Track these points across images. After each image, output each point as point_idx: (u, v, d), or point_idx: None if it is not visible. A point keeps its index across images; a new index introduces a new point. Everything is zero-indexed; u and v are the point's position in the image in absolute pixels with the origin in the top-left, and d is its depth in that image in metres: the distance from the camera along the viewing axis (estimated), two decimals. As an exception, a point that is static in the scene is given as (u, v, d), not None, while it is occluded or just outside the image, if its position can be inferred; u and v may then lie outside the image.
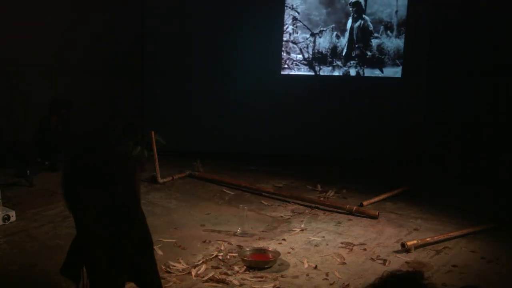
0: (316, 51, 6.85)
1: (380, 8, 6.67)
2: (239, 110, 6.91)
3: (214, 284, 3.54)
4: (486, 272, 3.82)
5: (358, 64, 6.79)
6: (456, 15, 6.49)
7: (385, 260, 3.96)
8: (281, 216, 4.95)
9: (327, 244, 4.27)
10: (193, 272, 3.68)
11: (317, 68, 6.88)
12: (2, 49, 6.42)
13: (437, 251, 4.13)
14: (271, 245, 4.19)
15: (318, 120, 6.90)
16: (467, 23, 6.40)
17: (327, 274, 3.72)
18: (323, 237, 4.42)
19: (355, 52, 6.85)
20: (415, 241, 4.17)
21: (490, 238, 4.42)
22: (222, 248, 4.14)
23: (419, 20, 6.65)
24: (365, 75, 6.86)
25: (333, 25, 6.80)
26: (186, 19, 6.89)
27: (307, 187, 5.87)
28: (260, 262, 3.84)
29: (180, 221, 4.73)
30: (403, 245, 4.14)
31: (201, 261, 3.87)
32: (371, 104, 6.80)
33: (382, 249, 4.19)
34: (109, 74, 7.03)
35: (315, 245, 4.24)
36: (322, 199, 5.42)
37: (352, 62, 6.77)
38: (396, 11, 6.66)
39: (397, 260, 3.97)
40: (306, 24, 6.79)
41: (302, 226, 4.67)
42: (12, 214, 4.57)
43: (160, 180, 5.86)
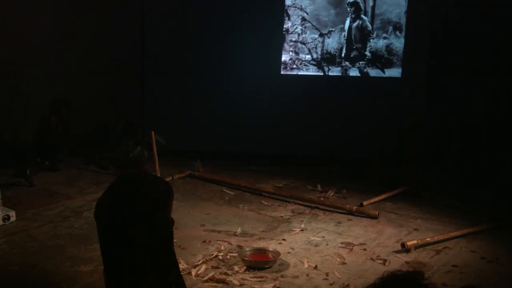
0: (325, 52, 6.86)
1: (389, 9, 6.66)
2: (239, 110, 6.91)
3: (214, 284, 3.54)
4: (486, 272, 3.82)
5: (367, 64, 6.79)
6: (456, 15, 6.49)
7: (385, 260, 3.96)
8: (281, 216, 4.95)
9: (327, 244, 4.27)
10: (193, 272, 3.68)
11: (326, 68, 6.88)
12: (2, 49, 6.42)
13: (437, 251, 4.13)
14: (271, 245, 4.19)
15: (318, 120, 6.90)
16: (467, 23, 6.40)
17: (327, 274, 3.72)
18: (323, 237, 4.42)
19: (353, 53, 6.85)
20: (415, 241, 4.17)
21: (490, 238, 4.42)
22: (222, 248, 4.14)
23: (419, 20, 6.64)
24: (371, 76, 6.87)
25: (342, 25, 6.80)
26: (186, 19, 6.90)
27: (307, 187, 5.87)
28: (260, 262, 3.84)
29: (180, 221, 4.72)
30: (403, 245, 4.14)
31: (201, 261, 3.87)
32: (371, 104, 6.80)
33: (382, 249, 4.19)
34: (109, 74, 7.04)
35: (315, 245, 4.24)
36: (322, 199, 5.41)
37: (361, 62, 6.76)
38: (405, 11, 6.66)
39: (397, 260, 3.97)
40: (315, 24, 6.79)
41: (302, 226, 4.67)
42: (12, 214, 4.57)
43: (160, 180, 5.85)
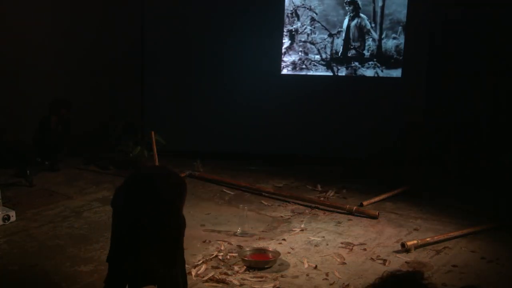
0: (334, 52, 6.86)
1: (398, 9, 6.65)
2: (239, 110, 6.91)
3: (214, 284, 3.55)
4: (486, 272, 3.82)
5: (376, 65, 6.78)
6: (456, 15, 6.49)
7: (385, 260, 3.96)
8: (281, 216, 4.95)
9: (327, 244, 4.27)
10: (193, 272, 3.68)
11: (335, 68, 6.88)
12: (2, 49, 6.42)
13: (437, 251, 4.13)
14: (271, 245, 4.19)
15: (318, 120, 6.90)
16: (467, 23, 6.41)
17: (327, 274, 3.72)
18: (323, 237, 4.42)
19: (351, 52, 6.85)
20: (415, 241, 4.17)
21: (490, 238, 4.42)
22: (222, 248, 4.14)
23: (419, 20, 6.64)
24: (381, 76, 6.87)
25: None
26: (186, 19, 6.89)
27: (307, 187, 5.88)
28: (260, 262, 3.84)
29: (180, 221, 4.73)
30: (403, 245, 4.14)
31: (201, 261, 3.87)
32: (371, 104, 6.80)
33: (382, 249, 4.19)
34: (109, 74, 7.04)
35: (315, 245, 4.24)
36: (322, 199, 5.42)
37: (370, 63, 6.76)
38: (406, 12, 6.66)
39: (397, 260, 3.97)
40: (324, 24, 6.79)
41: (302, 226, 4.67)
42: (12, 214, 4.57)
43: (160, 180, 5.85)
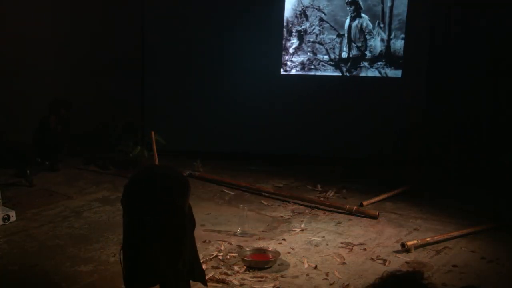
0: (343, 52, 6.86)
1: (406, 9, 6.66)
2: (239, 110, 6.91)
3: (214, 284, 3.54)
4: (486, 272, 3.82)
5: (385, 65, 6.77)
6: (456, 15, 6.49)
7: (385, 260, 3.96)
8: (281, 216, 4.95)
9: (327, 244, 4.27)
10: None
11: (344, 68, 6.88)
12: (2, 49, 6.42)
13: (437, 251, 4.13)
14: (271, 245, 4.19)
15: (318, 120, 6.90)
16: (467, 23, 6.40)
17: (327, 274, 3.72)
18: (323, 237, 4.42)
19: (353, 53, 6.85)
20: (415, 241, 4.17)
21: (490, 238, 4.41)
22: (222, 248, 4.14)
23: (419, 20, 6.64)
24: (371, 76, 6.86)
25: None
26: (186, 19, 6.89)
27: (307, 187, 5.88)
28: (260, 262, 3.84)
29: (180, 221, 4.73)
30: (403, 245, 4.14)
31: (201, 261, 3.86)
32: (371, 104, 6.79)
33: (382, 249, 4.19)
34: (109, 74, 7.04)
35: (315, 245, 4.24)
36: (322, 199, 5.42)
37: (379, 63, 6.75)
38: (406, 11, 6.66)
39: (397, 260, 3.97)
40: (333, 25, 6.79)
41: (302, 226, 4.67)
42: (12, 214, 4.57)
43: (160, 180, 5.85)
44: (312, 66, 6.92)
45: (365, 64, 6.81)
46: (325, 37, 6.85)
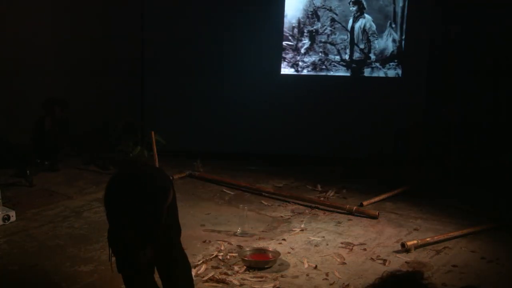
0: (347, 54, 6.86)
1: (406, 10, 6.65)
2: (239, 110, 6.91)
3: (214, 284, 3.55)
4: (486, 272, 3.82)
5: (397, 66, 6.76)
6: (456, 14, 6.49)
7: (385, 260, 3.96)
8: (281, 216, 4.95)
9: (327, 244, 4.27)
10: (193, 272, 3.67)
11: (356, 69, 6.87)
12: (2, 49, 6.42)
13: (437, 251, 4.13)
14: (271, 245, 4.19)
15: (318, 120, 6.90)
16: (467, 23, 6.41)
17: (327, 274, 3.72)
18: (323, 237, 4.42)
19: (356, 54, 6.84)
20: (415, 241, 4.17)
21: (490, 238, 4.42)
22: (222, 248, 4.14)
23: (419, 20, 6.64)
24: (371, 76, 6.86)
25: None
26: (186, 19, 6.89)
27: (307, 187, 5.87)
28: (260, 262, 3.84)
29: (180, 221, 4.68)
30: (403, 245, 4.14)
31: (201, 261, 3.87)
32: (371, 104, 6.79)
33: (382, 249, 4.19)
34: (109, 74, 7.04)
35: (315, 245, 4.24)
36: (322, 199, 5.41)
37: (391, 64, 6.75)
38: (406, 11, 6.65)
39: (397, 260, 3.97)
40: (344, 25, 6.78)
41: (302, 226, 4.67)
42: (12, 214, 4.57)
43: (160, 180, 5.84)
44: (324, 67, 6.91)
45: (377, 65, 6.81)
46: (336, 38, 6.85)
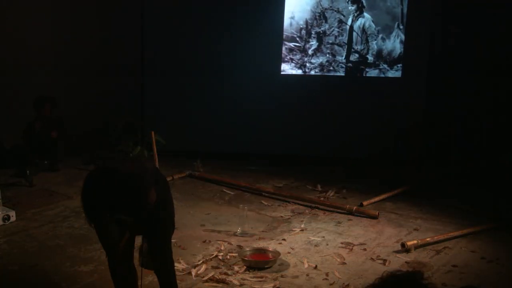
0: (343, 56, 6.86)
1: (406, 10, 6.65)
2: (239, 110, 6.92)
3: (214, 284, 3.55)
4: (486, 272, 3.82)
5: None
6: (456, 15, 6.50)
7: (385, 260, 3.96)
8: (281, 216, 4.95)
9: (327, 244, 4.27)
10: (193, 272, 3.69)
11: (362, 71, 6.87)
12: (2, 49, 6.42)
13: (437, 251, 4.13)
14: (271, 245, 4.19)
15: (318, 120, 6.90)
16: (467, 23, 6.41)
17: (327, 274, 3.72)
18: (323, 237, 4.42)
19: (355, 55, 6.84)
20: (415, 241, 4.17)
21: (490, 238, 4.42)
22: (222, 248, 4.14)
23: (419, 20, 6.64)
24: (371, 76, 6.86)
25: (379, 27, 6.78)
26: (186, 19, 6.90)
27: (307, 187, 5.88)
28: (260, 262, 3.84)
29: (180, 221, 4.71)
30: (403, 245, 4.14)
31: (201, 261, 3.87)
32: (371, 104, 6.79)
33: (382, 249, 4.19)
34: (109, 74, 7.04)
35: (315, 245, 4.24)
36: (322, 199, 5.42)
37: (399, 65, 6.74)
38: (406, 11, 6.65)
39: (397, 260, 3.97)
40: None
41: (302, 226, 4.67)
42: (12, 214, 4.57)
43: (160, 180, 5.84)
44: (331, 68, 6.91)
45: (385, 66, 6.80)
46: (344, 39, 6.85)
